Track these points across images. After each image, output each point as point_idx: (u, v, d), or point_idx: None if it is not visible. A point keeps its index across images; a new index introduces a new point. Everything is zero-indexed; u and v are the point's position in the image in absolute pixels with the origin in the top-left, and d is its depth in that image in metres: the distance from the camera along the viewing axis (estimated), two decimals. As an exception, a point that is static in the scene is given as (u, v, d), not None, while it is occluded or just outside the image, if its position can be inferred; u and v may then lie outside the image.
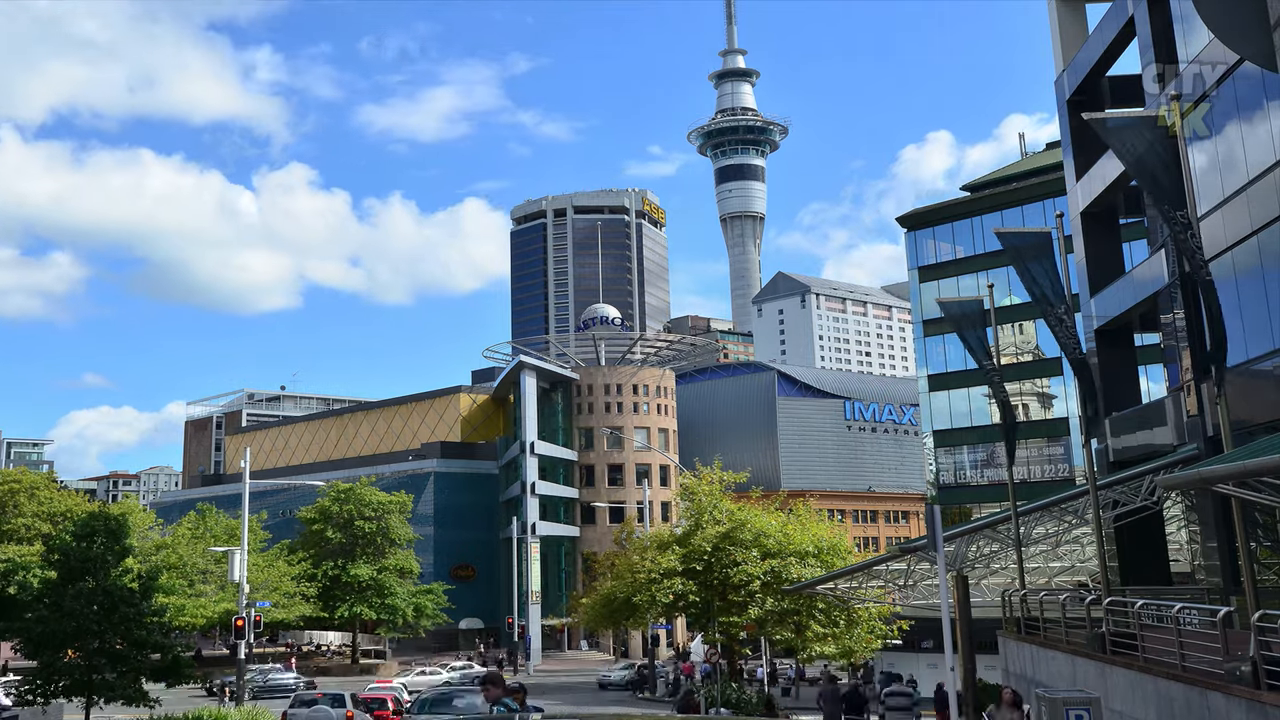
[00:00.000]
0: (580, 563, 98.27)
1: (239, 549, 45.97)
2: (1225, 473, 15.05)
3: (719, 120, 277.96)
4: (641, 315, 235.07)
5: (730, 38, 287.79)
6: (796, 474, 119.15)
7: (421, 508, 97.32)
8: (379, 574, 77.70)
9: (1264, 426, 21.32)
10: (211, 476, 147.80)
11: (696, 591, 52.65)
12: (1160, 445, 28.71)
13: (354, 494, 78.99)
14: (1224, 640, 15.75)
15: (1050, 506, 32.62)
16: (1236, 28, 17.00)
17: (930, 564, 34.99)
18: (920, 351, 77.45)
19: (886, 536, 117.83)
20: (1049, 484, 62.58)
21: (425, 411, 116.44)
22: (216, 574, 70.06)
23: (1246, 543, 17.73)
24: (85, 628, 32.39)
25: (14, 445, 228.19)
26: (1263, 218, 21.51)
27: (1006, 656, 29.75)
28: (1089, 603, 22.89)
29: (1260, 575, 21.21)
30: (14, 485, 75.54)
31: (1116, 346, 32.38)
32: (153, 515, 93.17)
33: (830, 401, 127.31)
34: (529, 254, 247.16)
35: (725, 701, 43.20)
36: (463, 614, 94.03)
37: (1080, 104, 32.42)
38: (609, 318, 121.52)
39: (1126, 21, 29.18)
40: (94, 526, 34.36)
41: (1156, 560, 30.72)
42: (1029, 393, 72.33)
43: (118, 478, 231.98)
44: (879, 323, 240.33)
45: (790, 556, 51.01)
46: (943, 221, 75.86)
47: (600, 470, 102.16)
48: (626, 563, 58.21)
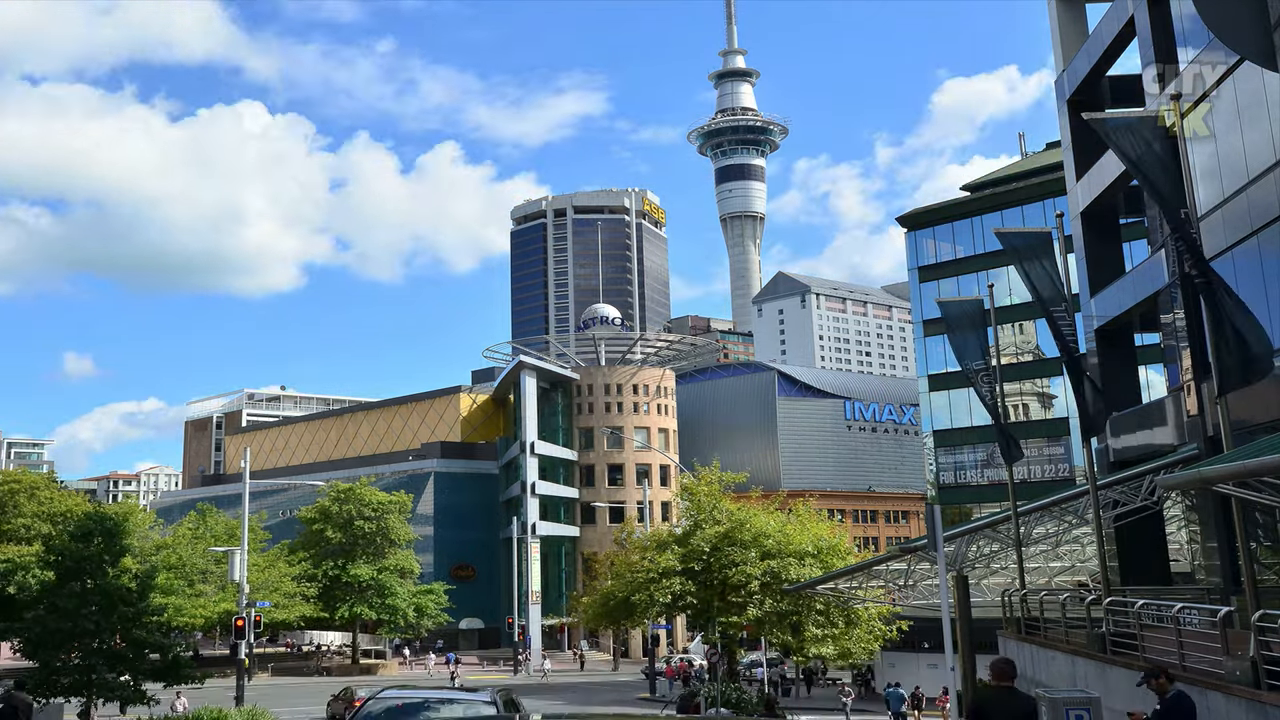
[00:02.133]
0: (580, 563, 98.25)
1: (239, 549, 45.96)
2: (1225, 473, 15.03)
3: (719, 120, 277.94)
4: (641, 315, 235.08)
5: (730, 38, 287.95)
6: (796, 474, 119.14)
7: (421, 508, 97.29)
8: (379, 574, 77.67)
9: (1264, 426, 21.29)
10: (211, 476, 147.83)
11: (695, 592, 52.64)
12: (1160, 445, 28.69)
13: (354, 494, 78.95)
14: (1224, 640, 15.74)
15: (1050, 506, 32.60)
16: (1236, 28, 16.97)
17: (930, 564, 34.97)
18: (920, 351, 77.48)
19: (886, 536, 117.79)
20: (1049, 484, 62.61)
21: (425, 411, 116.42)
22: (216, 574, 70.04)
23: (1246, 543, 17.70)
24: (84, 628, 32.40)
25: (14, 445, 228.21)
26: (1263, 218, 21.49)
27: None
28: (1089, 603, 22.87)
29: (1260, 575, 21.18)
30: (14, 485, 75.60)
31: (1116, 346, 32.36)
32: (152, 515, 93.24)
33: (830, 401, 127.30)
34: (529, 254, 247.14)
35: (725, 701, 43.16)
36: (463, 614, 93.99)
37: (1080, 104, 32.39)
38: (609, 318, 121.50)
39: (1126, 21, 29.15)
40: (92, 527, 34.38)
41: (1156, 560, 30.70)
42: (1029, 393, 72.36)
43: (118, 478, 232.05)
44: (879, 323, 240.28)
45: (789, 557, 50.99)
46: (943, 221, 75.90)
47: (600, 470, 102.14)
48: (626, 562, 58.22)
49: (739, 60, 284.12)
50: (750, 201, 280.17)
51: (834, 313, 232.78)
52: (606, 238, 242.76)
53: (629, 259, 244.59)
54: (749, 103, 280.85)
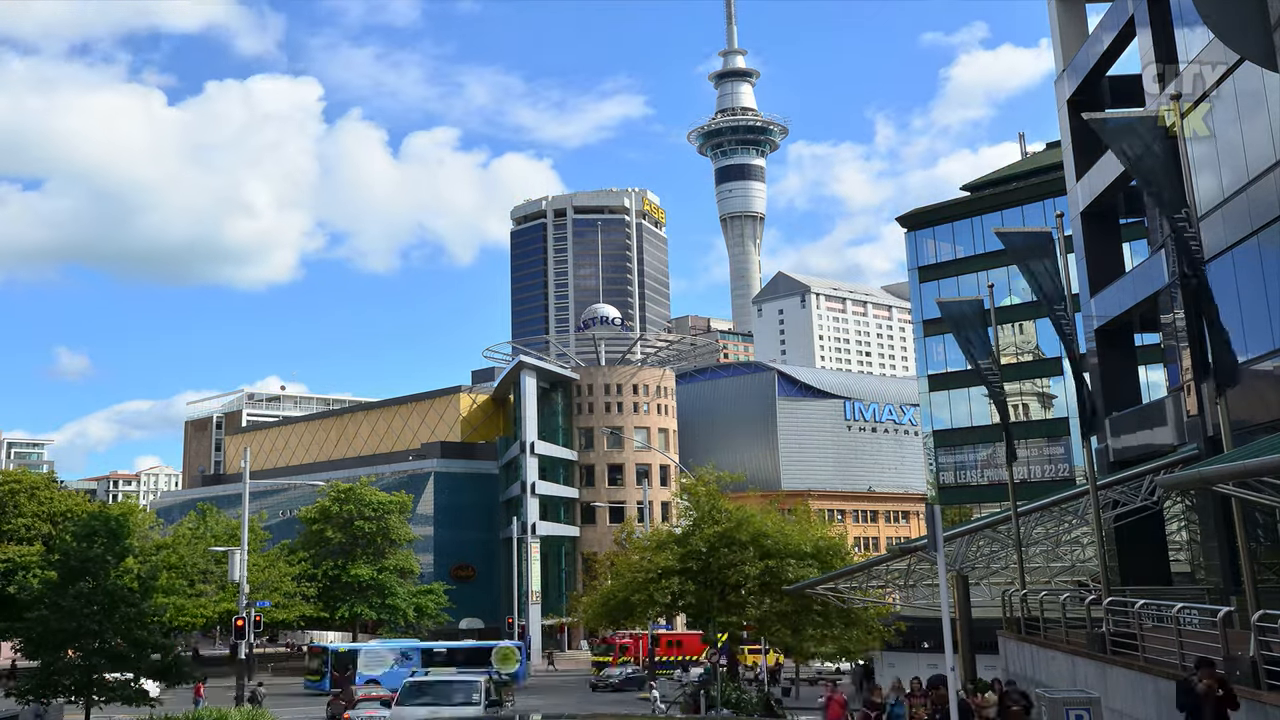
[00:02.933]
0: (580, 563, 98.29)
1: (239, 549, 45.96)
2: (1225, 473, 15.06)
3: (719, 120, 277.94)
4: (641, 315, 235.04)
5: (730, 38, 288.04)
6: (796, 474, 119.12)
7: (421, 508, 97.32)
8: (379, 574, 77.71)
9: (1264, 426, 21.32)
10: (211, 476, 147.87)
11: (694, 592, 52.65)
12: (1160, 445, 28.73)
13: (354, 494, 78.99)
14: (1224, 640, 15.76)
15: (1050, 506, 32.64)
16: (1236, 27, 16.99)
17: (930, 564, 34.98)
18: (920, 351, 77.47)
19: (886, 536, 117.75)
20: (1049, 484, 62.57)
21: (425, 411, 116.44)
22: (217, 574, 70.08)
23: (1246, 543, 17.73)
24: (85, 628, 32.43)
25: (14, 445, 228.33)
26: (1263, 218, 21.52)
27: (1006, 656, 29.75)
28: (1089, 603, 22.91)
29: (1260, 575, 21.21)
30: (14, 485, 75.58)
31: (1116, 346, 32.41)
32: (153, 515, 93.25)
33: (830, 401, 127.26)
34: (529, 254, 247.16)
35: (725, 701, 43.18)
36: (463, 614, 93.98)
37: (1080, 104, 32.43)
38: (609, 318, 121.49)
39: (1126, 21, 29.19)
40: (94, 527, 34.43)
41: (1156, 560, 30.74)
42: (1029, 393, 72.39)
43: (118, 478, 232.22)
44: (879, 323, 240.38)
45: (789, 557, 51.00)
46: (943, 221, 75.86)
47: (600, 470, 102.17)
48: (626, 562, 58.24)
49: (739, 60, 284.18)
50: (750, 201, 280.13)
51: (834, 313, 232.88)
52: (606, 238, 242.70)
53: (629, 259, 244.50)
54: (749, 103, 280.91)
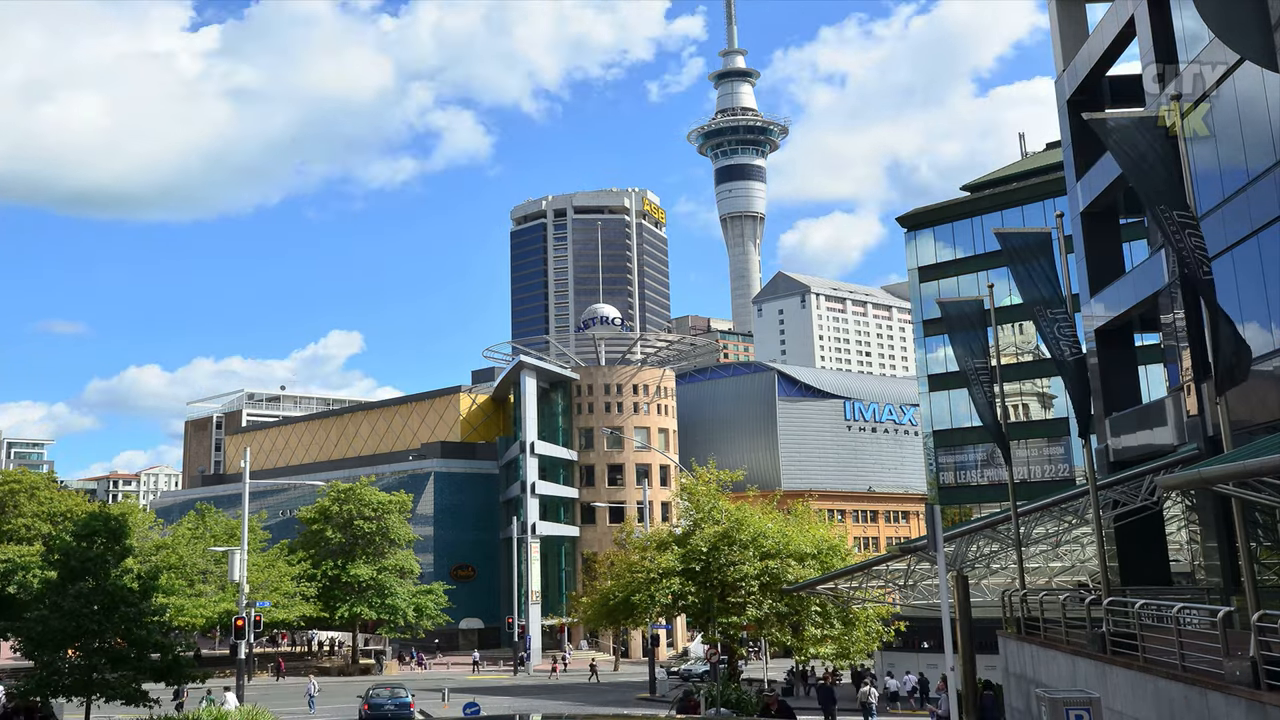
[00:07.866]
0: (580, 563, 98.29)
1: (239, 549, 46.05)
2: (1225, 473, 15.05)
3: (719, 120, 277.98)
4: (641, 315, 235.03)
5: (730, 38, 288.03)
6: (796, 474, 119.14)
7: (421, 508, 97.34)
8: (379, 574, 77.72)
9: (1264, 426, 21.32)
10: (211, 476, 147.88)
11: (695, 592, 52.66)
12: (1160, 445, 28.70)
13: (354, 494, 78.99)
14: (1224, 640, 15.75)
15: (1050, 506, 32.63)
16: (1236, 27, 16.98)
17: (930, 564, 35.00)
18: (920, 351, 77.47)
19: (886, 536, 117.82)
20: (1049, 484, 62.58)
21: (425, 411, 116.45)
22: (216, 574, 70.09)
23: (1246, 543, 17.72)
24: (85, 628, 32.44)
25: (14, 445, 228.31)
26: (1263, 218, 21.51)
27: (1006, 656, 29.74)
28: (1089, 603, 22.88)
29: (1260, 575, 21.21)
30: (14, 485, 75.63)
31: (1116, 346, 32.37)
32: (152, 515, 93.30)
33: (830, 401, 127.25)
34: (529, 254, 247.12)
35: (725, 701, 43.19)
36: (463, 614, 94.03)
37: (1080, 104, 32.42)
38: (609, 318, 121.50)
39: (1126, 21, 29.16)
40: (95, 527, 34.42)
41: (1156, 560, 30.71)
42: (1029, 393, 72.34)
43: (117, 478, 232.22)
44: (879, 323, 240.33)
45: (788, 557, 51.03)
46: (942, 222, 75.82)
47: (600, 470, 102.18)
48: (626, 562, 58.25)
49: (739, 60, 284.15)
50: (750, 201, 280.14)
51: (834, 313, 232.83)
52: (606, 238, 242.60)
53: (629, 259, 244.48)
54: (749, 103, 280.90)
